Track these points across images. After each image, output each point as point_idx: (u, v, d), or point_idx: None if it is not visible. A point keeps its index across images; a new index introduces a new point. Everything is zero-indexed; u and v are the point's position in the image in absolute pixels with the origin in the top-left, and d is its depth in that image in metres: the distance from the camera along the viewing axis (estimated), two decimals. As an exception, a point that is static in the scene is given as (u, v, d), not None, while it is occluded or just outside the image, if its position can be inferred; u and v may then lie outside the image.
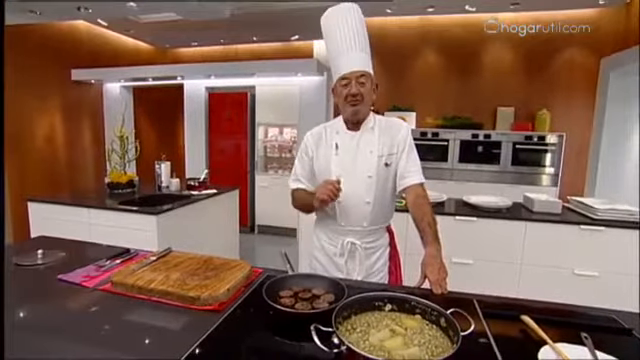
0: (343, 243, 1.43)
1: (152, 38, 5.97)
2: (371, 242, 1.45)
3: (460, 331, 0.79)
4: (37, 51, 4.60)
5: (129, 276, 1.12)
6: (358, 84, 1.32)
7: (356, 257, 1.43)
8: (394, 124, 1.44)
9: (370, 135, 1.40)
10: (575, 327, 0.94)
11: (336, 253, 1.46)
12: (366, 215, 1.40)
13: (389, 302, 0.96)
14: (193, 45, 6.22)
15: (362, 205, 1.39)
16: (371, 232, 1.43)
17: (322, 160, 1.44)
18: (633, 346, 0.92)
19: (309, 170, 1.49)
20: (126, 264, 1.30)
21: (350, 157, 1.40)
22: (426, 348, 0.80)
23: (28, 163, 4.56)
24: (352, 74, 1.32)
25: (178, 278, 1.12)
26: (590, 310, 1.09)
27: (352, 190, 1.38)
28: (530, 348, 0.85)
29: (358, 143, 1.40)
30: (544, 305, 1.10)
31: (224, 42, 5.92)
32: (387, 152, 1.38)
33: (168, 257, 1.32)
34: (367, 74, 1.34)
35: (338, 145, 1.42)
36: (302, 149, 1.51)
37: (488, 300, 1.11)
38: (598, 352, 0.82)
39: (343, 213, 1.40)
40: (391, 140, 1.40)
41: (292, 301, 1.01)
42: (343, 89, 1.34)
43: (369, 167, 1.38)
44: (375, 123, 1.42)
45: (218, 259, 1.31)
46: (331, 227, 1.47)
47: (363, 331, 0.86)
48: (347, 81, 1.33)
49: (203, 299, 1.01)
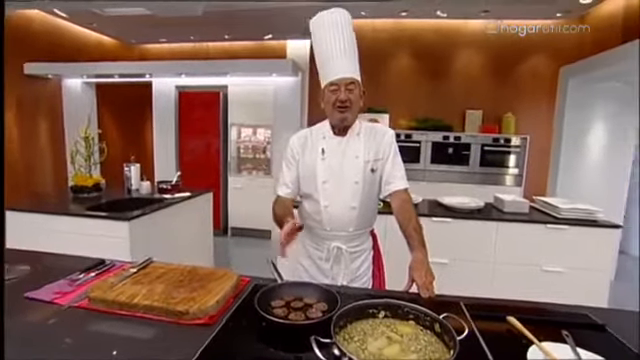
0: (329, 248, 1.43)
1: (117, 33, 5.67)
2: (356, 246, 1.46)
3: (456, 337, 0.81)
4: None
5: (109, 291, 1.06)
6: (347, 91, 1.32)
7: (342, 261, 1.43)
8: (379, 130, 1.46)
9: (356, 141, 1.41)
10: (555, 325, 0.99)
11: (322, 258, 1.46)
12: (352, 220, 1.40)
13: (383, 309, 0.97)
14: (161, 41, 5.97)
15: (348, 210, 1.39)
16: (356, 236, 1.44)
17: (308, 164, 1.43)
18: (607, 341, 0.98)
19: (294, 174, 1.47)
20: (102, 277, 1.22)
21: (336, 162, 1.40)
22: (423, 355, 0.81)
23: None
24: (341, 81, 1.32)
25: (163, 291, 1.07)
26: (566, 308, 1.15)
27: (338, 195, 1.38)
28: (518, 348, 0.89)
29: (345, 148, 1.41)
30: (526, 305, 1.15)
31: (194, 39, 5.73)
32: (373, 158, 1.40)
33: (149, 268, 1.26)
34: (356, 81, 1.35)
35: (324, 150, 1.41)
36: (288, 153, 1.49)
37: (474, 302, 1.14)
38: (579, 349, 0.87)
39: (329, 218, 1.40)
40: (377, 146, 1.41)
41: (285, 311, 1.00)
42: (332, 95, 1.34)
43: (355, 172, 1.38)
44: (361, 129, 1.43)
45: (202, 269, 1.26)
46: (316, 232, 1.46)
47: (361, 340, 0.86)
48: (336, 87, 1.33)
49: (192, 313, 0.96)
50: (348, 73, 1.33)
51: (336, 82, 1.32)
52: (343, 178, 1.39)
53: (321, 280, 1.44)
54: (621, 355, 0.90)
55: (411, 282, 1.20)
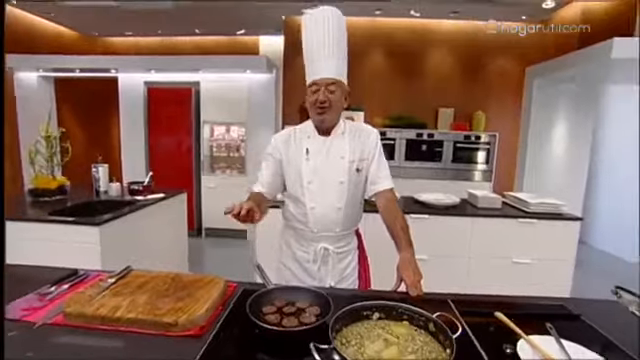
0: (316, 249, 1.42)
1: (77, 24, 5.32)
2: (343, 246, 1.45)
3: (452, 336, 0.82)
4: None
5: (87, 304, 0.99)
6: (327, 91, 1.31)
7: (329, 262, 1.43)
8: (364, 130, 1.45)
9: (341, 141, 1.40)
10: (537, 317, 1.04)
11: (309, 260, 1.44)
12: (338, 221, 1.40)
13: (377, 310, 0.97)
14: (127, 35, 5.67)
15: (334, 211, 1.38)
16: (342, 237, 1.44)
17: (292, 164, 1.41)
18: (583, 330, 1.03)
19: (272, 174, 1.43)
20: (77, 289, 1.14)
21: (321, 162, 1.38)
22: (421, 355, 0.82)
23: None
24: (322, 81, 1.30)
25: (147, 302, 1.01)
26: (544, 300, 1.21)
27: (324, 196, 1.37)
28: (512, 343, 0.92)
29: (329, 148, 1.39)
30: (509, 299, 1.20)
31: (163, 33, 5.49)
32: (358, 158, 1.39)
33: (128, 277, 1.19)
34: (338, 82, 1.32)
35: (309, 150, 1.39)
36: (268, 152, 1.46)
37: (460, 298, 1.17)
38: (562, 340, 0.92)
39: (315, 220, 1.39)
40: (362, 146, 1.41)
41: (277, 317, 0.97)
42: (312, 95, 1.33)
43: (341, 173, 1.38)
44: (346, 128, 1.42)
45: (187, 275, 1.21)
46: (302, 233, 1.45)
47: (358, 344, 0.86)
48: (317, 87, 1.31)
49: (181, 324, 0.92)
50: (329, 73, 1.31)
51: (317, 82, 1.31)
52: (328, 178, 1.38)
53: (309, 282, 1.42)
54: (596, 342, 0.96)
55: (399, 281, 1.21)
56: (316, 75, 1.32)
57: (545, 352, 0.87)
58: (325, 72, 1.31)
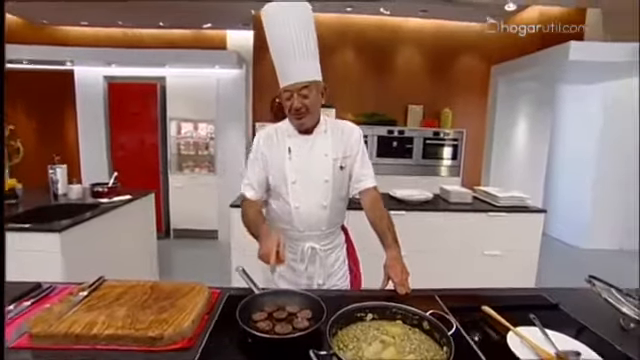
0: (303, 249, 1.39)
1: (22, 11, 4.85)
2: (329, 243, 1.44)
3: (448, 334, 0.83)
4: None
5: (56, 323, 0.89)
6: (300, 97, 1.24)
7: (316, 261, 1.41)
8: (346, 127, 1.43)
9: (323, 139, 1.37)
10: (520, 309, 1.08)
11: (296, 259, 1.41)
12: (324, 219, 1.38)
13: (370, 311, 0.96)
14: (81, 24, 5.26)
15: (319, 210, 1.36)
16: (329, 234, 1.43)
17: (275, 164, 1.37)
18: (562, 318, 1.09)
19: (259, 174, 1.39)
20: (41, 306, 1.03)
21: (305, 161, 1.35)
22: (419, 354, 0.82)
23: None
24: (293, 87, 1.24)
25: (127, 315, 0.94)
26: (524, 291, 1.27)
27: (309, 195, 1.34)
28: (500, 335, 0.95)
29: (312, 147, 1.36)
30: (492, 292, 1.24)
31: (123, 25, 5.16)
32: (341, 155, 1.37)
33: (102, 289, 1.10)
34: (311, 84, 1.25)
35: (291, 149, 1.36)
36: (253, 152, 1.41)
37: (447, 294, 1.20)
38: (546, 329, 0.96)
39: (300, 219, 1.36)
40: (344, 143, 1.39)
41: (269, 324, 0.94)
42: (287, 101, 1.28)
43: (325, 171, 1.35)
44: (327, 126, 1.40)
45: (167, 284, 1.14)
46: (288, 234, 1.41)
47: (355, 347, 0.84)
48: (289, 94, 1.26)
49: (167, 337, 0.86)
50: (300, 77, 1.23)
51: (289, 88, 1.25)
52: (312, 177, 1.35)
53: (297, 282, 1.40)
54: (574, 329, 1.01)
55: (387, 280, 1.22)
56: (287, 80, 1.25)
57: (533, 343, 0.90)
58: (296, 77, 1.24)
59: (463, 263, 2.72)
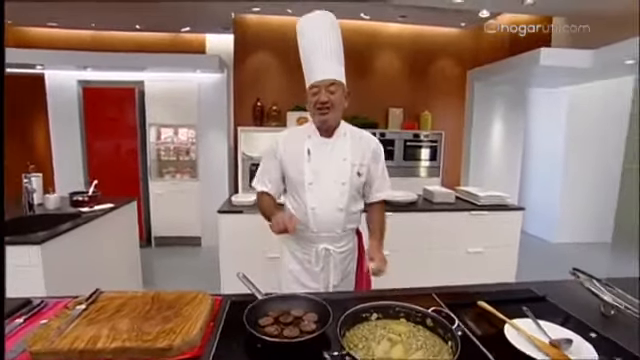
0: (317, 250, 1.42)
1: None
2: (343, 246, 1.46)
3: (453, 329, 0.87)
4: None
5: (58, 339, 0.87)
6: (327, 92, 1.33)
7: (331, 262, 1.43)
8: (364, 136, 1.48)
9: (343, 143, 1.41)
10: (511, 302, 1.14)
11: (310, 261, 1.44)
12: (339, 221, 1.41)
13: (375, 311, 0.99)
14: (51, 25, 5.04)
15: (335, 212, 1.39)
16: (343, 237, 1.45)
17: (293, 165, 1.40)
18: (549, 308, 1.16)
19: (275, 172, 1.45)
20: (36, 322, 1.00)
21: (323, 163, 1.39)
22: (426, 350, 0.86)
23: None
24: (322, 82, 1.33)
25: (131, 327, 0.92)
26: (512, 285, 1.34)
27: (325, 197, 1.37)
28: (496, 328, 1.01)
29: (332, 150, 1.40)
30: (485, 288, 1.29)
31: (96, 27, 4.99)
32: (359, 162, 1.41)
33: (100, 301, 1.07)
34: (338, 82, 1.35)
35: (310, 151, 1.39)
36: (269, 152, 1.47)
37: (442, 291, 1.24)
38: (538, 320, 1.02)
39: (316, 220, 1.39)
40: (362, 151, 1.43)
41: (277, 329, 0.95)
42: (313, 97, 1.35)
43: (343, 174, 1.39)
44: (347, 131, 1.44)
45: (167, 293, 1.13)
46: (303, 235, 1.43)
47: (365, 346, 0.87)
48: (317, 89, 1.34)
49: (176, 347, 0.85)
50: (328, 75, 1.34)
51: (317, 84, 1.33)
52: (330, 179, 1.38)
53: (310, 285, 1.44)
54: (561, 317, 1.08)
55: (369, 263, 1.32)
56: (316, 77, 1.34)
57: (528, 334, 0.96)
58: (325, 74, 1.34)
59: (448, 261, 2.81)
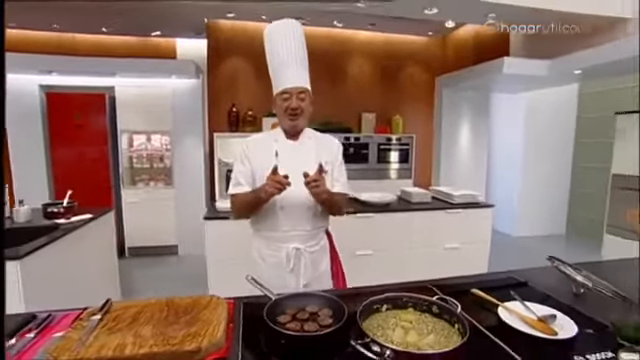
0: (288, 250, 1.46)
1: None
2: (314, 245, 1.51)
3: (458, 312, 0.97)
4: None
5: (84, 349, 0.87)
6: (298, 99, 1.41)
7: (301, 261, 1.47)
8: (327, 138, 1.58)
9: (308, 144, 1.50)
10: (499, 288, 1.28)
11: (282, 263, 1.46)
12: (309, 217, 1.47)
13: (385, 302, 1.07)
14: (10, 26, 4.71)
15: (305, 208, 1.45)
16: (313, 235, 1.51)
17: (262, 166, 1.44)
18: (531, 291, 1.31)
19: (250, 175, 1.49)
20: (48, 336, 0.98)
21: (291, 163, 1.43)
22: (437, 334, 0.95)
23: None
24: (293, 89, 1.40)
25: (155, 333, 0.94)
26: (495, 275, 1.48)
27: (294, 195, 1.40)
28: (489, 311, 1.13)
29: (298, 151, 1.48)
30: (474, 278, 1.42)
31: (59, 28, 4.73)
32: (324, 160, 1.47)
33: (114, 311, 1.07)
34: (307, 90, 1.44)
35: (278, 153, 1.46)
36: (240, 155, 1.51)
37: (438, 283, 1.35)
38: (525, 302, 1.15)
39: (286, 217, 1.44)
40: (326, 150, 1.52)
41: (298, 324, 1.00)
42: (283, 102, 1.42)
43: (310, 172, 1.45)
44: (311, 135, 1.54)
45: (181, 299, 1.14)
46: (273, 236, 1.48)
47: (383, 334, 0.95)
48: (288, 95, 1.41)
49: (205, 349, 0.88)
50: (300, 83, 1.42)
51: (288, 90, 1.40)
52: (298, 178, 1.41)
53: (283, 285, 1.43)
54: (541, 298, 1.23)
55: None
56: (288, 84, 1.41)
57: (519, 313, 1.08)
58: (295, 81, 1.41)
59: (428, 257, 2.97)
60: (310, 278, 1.48)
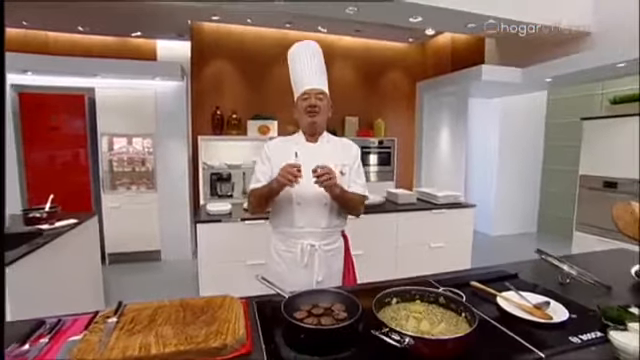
0: (302, 246, 1.51)
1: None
2: (328, 244, 1.56)
3: (464, 302, 1.05)
4: None
5: (107, 351, 0.87)
6: (316, 99, 1.50)
7: (316, 258, 1.52)
8: (346, 142, 1.66)
9: (327, 146, 1.59)
10: (493, 281, 1.38)
11: (296, 259, 1.52)
12: (324, 215, 1.52)
13: (394, 296, 1.13)
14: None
15: (321, 206, 1.51)
16: (328, 234, 1.56)
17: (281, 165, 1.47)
18: (522, 282, 1.41)
19: (270, 174, 1.54)
20: (62, 340, 0.97)
21: (310, 163, 1.47)
22: (447, 322, 1.02)
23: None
24: (312, 90, 1.50)
25: (177, 333, 0.95)
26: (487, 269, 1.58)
27: (312, 192, 1.46)
28: (488, 301, 1.21)
29: (317, 152, 1.54)
30: (469, 272, 1.51)
31: (29, 25, 4.51)
32: (342, 163, 1.56)
33: (129, 313, 1.07)
34: (324, 94, 1.53)
35: (297, 154, 1.52)
36: (262, 156, 1.60)
37: (438, 278, 1.44)
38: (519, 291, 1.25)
39: (301, 214, 1.50)
40: (344, 154, 1.59)
41: (314, 320, 1.04)
42: (303, 102, 1.52)
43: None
44: (330, 139, 1.62)
45: (195, 300, 1.16)
46: (288, 232, 1.53)
47: (397, 325, 1.00)
48: (307, 96, 1.51)
49: (230, 346, 0.91)
50: (318, 85, 1.52)
51: (308, 91, 1.51)
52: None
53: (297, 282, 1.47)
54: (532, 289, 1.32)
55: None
56: (307, 86, 1.51)
57: (516, 301, 1.17)
58: (313, 84, 1.52)
59: (414, 256, 3.07)
60: (324, 276, 1.54)
